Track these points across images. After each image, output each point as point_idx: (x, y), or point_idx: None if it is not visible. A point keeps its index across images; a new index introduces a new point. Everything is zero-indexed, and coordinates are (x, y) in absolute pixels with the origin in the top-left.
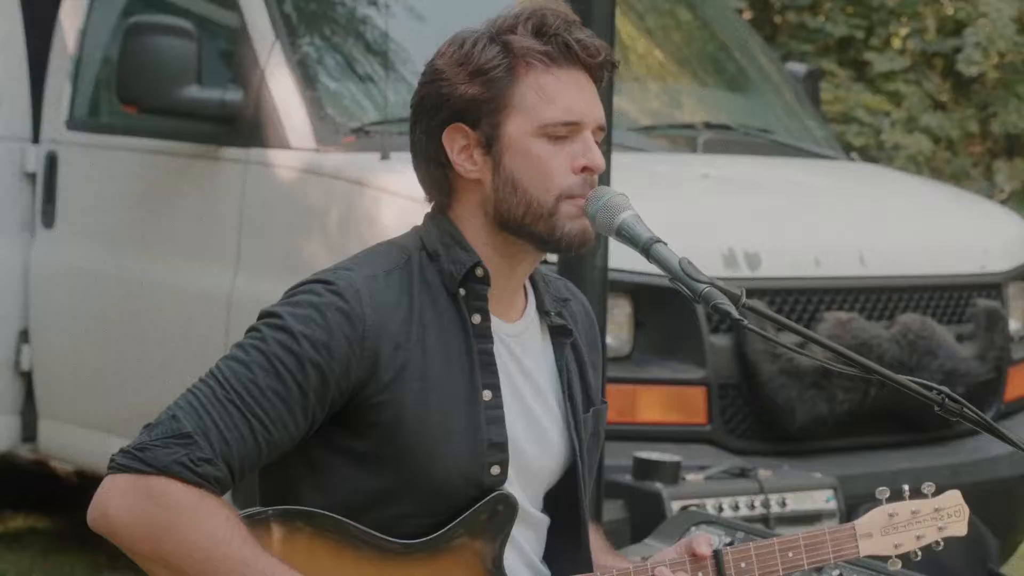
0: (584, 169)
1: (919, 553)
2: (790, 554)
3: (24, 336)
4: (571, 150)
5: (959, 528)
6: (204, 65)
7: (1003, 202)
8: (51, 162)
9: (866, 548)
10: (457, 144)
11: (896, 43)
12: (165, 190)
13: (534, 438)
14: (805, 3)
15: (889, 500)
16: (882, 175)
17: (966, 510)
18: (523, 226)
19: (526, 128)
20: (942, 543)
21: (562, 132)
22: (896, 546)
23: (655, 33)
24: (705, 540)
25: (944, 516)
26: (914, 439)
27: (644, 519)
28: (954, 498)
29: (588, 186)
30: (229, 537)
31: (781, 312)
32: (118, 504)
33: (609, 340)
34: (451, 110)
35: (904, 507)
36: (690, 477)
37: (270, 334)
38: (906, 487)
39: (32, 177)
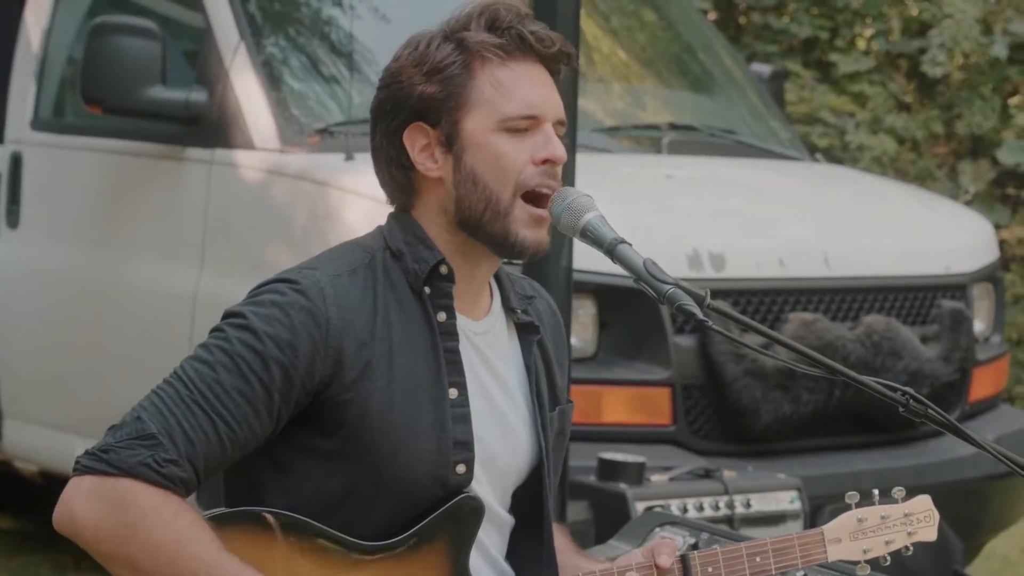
0: (545, 161)
1: (888, 558)
2: (758, 559)
3: None
4: (532, 143)
5: (929, 533)
6: (169, 66)
7: (968, 203)
8: (16, 162)
9: (834, 553)
10: (418, 143)
11: (861, 44)
12: (130, 190)
13: (501, 436)
14: (770, 4)
15: (858, 504)
16: (847, 176)
17: (936, 515)
18: (481, 225)
19: (486, 123)
20: (912, 548)
21: (522, 126)
22: (865, 551)
23: (620, 34)
24: (668, 549)
25: (914, 521)
26: (878, 440)
27: (608, 520)
28: (924, 503)
29: (549, 177)
30: (195, 538)
31: (745, 313)
32: (83, 506)
33: (573, 341)
34: (410, 110)
35: (873, 512)
36: (655, 478)
37: (234, 334)
38: (876, 491)
39: None
